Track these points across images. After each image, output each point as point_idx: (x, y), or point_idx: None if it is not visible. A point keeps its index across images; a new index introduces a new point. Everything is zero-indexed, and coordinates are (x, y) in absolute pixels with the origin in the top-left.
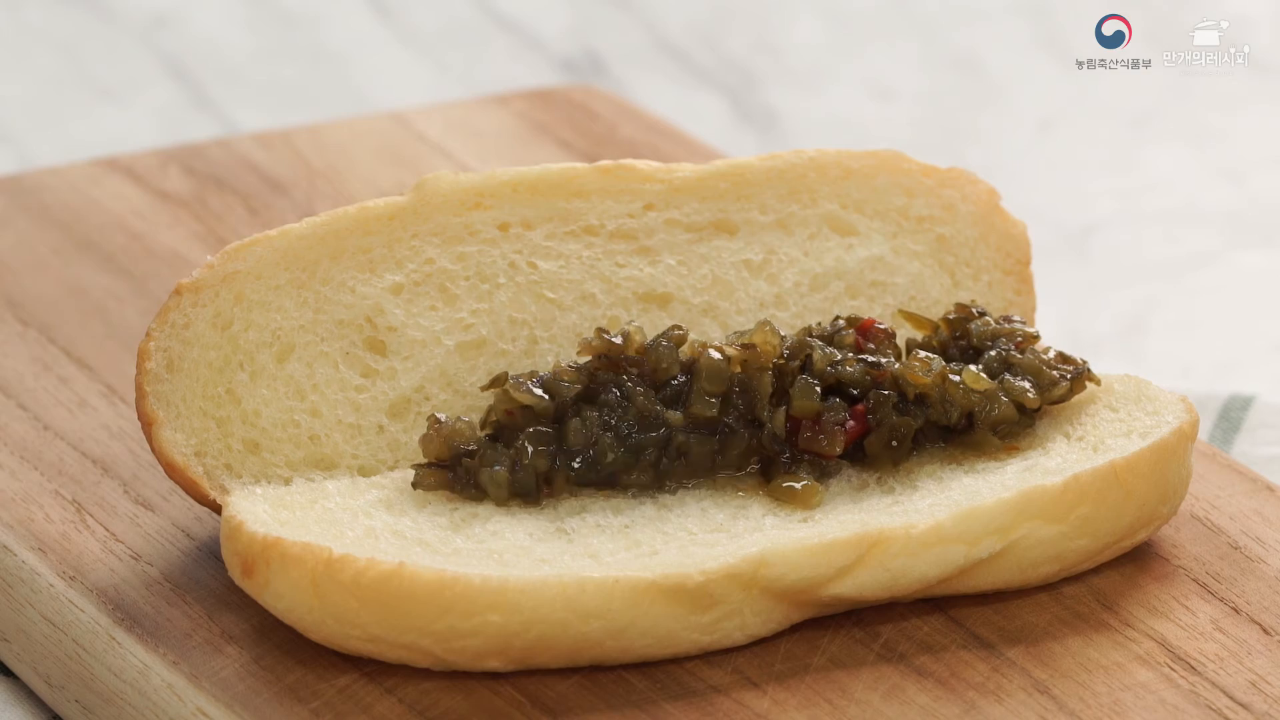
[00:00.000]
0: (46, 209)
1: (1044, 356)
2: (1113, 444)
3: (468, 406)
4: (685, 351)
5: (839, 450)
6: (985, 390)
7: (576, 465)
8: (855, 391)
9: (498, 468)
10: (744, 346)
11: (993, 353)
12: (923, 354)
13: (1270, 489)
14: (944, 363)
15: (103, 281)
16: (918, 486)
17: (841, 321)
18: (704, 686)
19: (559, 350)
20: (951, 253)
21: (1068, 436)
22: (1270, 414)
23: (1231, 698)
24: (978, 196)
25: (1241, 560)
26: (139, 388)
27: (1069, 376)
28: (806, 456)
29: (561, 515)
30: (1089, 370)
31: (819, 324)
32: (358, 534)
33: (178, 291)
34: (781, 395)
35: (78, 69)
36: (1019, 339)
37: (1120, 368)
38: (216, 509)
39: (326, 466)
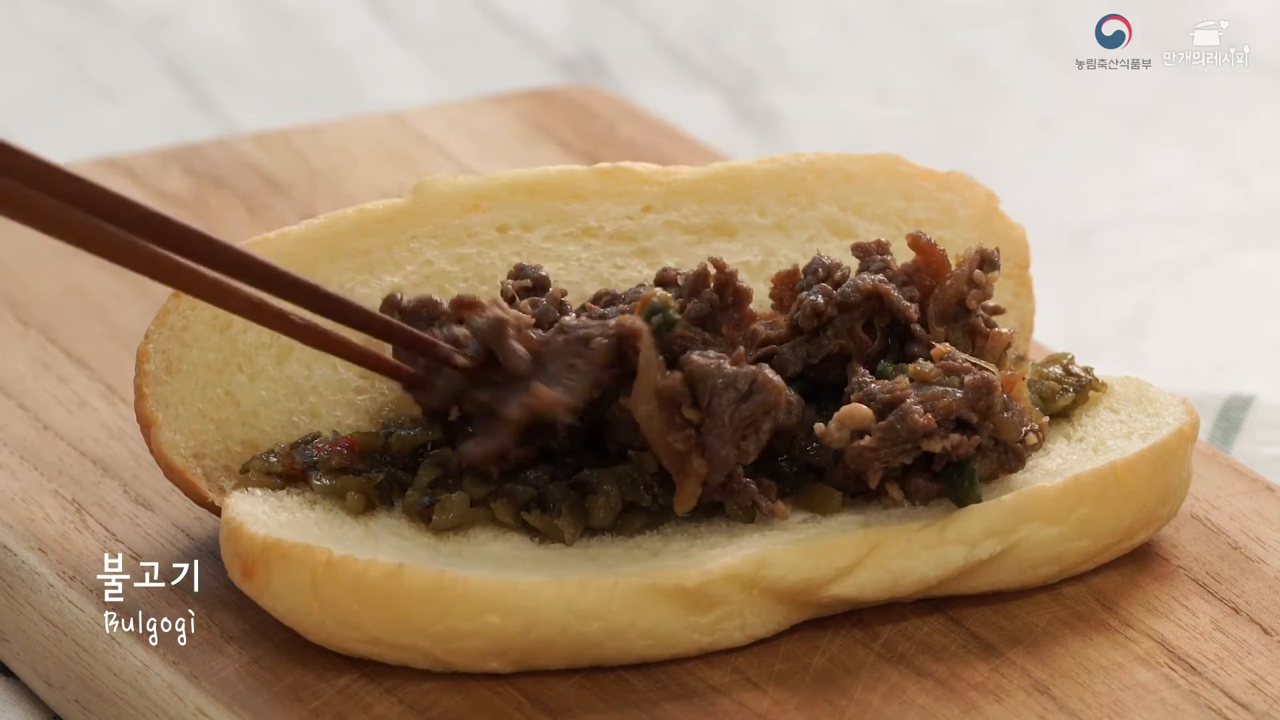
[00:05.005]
0: None
1: (1047, 370)
2: (1113, 445)
3: None
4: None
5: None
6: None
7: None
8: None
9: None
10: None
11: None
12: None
13: (1270, 489)
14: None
15: (103, 281)
16: None
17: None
18: (704, 686)
19: None
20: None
21: (1068, 437)
22: (1270, 414)
23: (1231, 698)
24: (977, 200)
25: (1241, 560)
26: (138, 389)
27: (1071, 389)
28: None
29: None
30: (1094, 380)
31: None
32: (358, 535)
33: (176, 294)
34: None
35: (78, 69)
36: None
37: (1120, 368)
38: (216, 510)
39: None
